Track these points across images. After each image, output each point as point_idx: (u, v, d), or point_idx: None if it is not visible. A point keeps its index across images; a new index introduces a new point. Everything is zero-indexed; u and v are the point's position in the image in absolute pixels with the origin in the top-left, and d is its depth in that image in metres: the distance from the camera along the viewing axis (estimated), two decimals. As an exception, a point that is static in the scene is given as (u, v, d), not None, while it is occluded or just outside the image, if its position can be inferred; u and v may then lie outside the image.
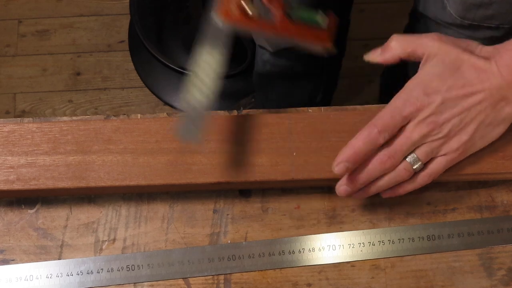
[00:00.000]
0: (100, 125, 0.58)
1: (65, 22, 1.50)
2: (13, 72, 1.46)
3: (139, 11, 1.34)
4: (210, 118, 0.58)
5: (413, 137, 0.53)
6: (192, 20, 1.38)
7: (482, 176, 0.59)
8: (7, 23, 1.50)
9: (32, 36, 1.49)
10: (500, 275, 0.58)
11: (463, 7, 0.73)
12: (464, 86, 0.53)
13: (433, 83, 0.53)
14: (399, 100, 0.53)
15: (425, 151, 0.54)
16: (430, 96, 0.53)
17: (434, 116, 0.53)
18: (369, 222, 0.60)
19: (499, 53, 0.53)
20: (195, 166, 0.57)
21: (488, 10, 0.73)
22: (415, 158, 0.54)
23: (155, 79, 1.40)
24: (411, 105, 0.53)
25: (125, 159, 0.57)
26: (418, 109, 0.53)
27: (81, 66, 1.46)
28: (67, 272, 0.57)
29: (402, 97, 0.54)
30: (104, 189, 0.57)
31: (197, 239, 0.59)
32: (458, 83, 0.53)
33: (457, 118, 0.53)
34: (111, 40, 1.48)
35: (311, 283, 0.58)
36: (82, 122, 0.59)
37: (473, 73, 0.53)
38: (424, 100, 0.53)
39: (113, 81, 1.45)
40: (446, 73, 0.53)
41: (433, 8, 0.79)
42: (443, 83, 0.53)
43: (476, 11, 0.73)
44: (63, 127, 0.58)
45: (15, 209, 0.59)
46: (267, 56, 0.99)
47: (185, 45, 1.37)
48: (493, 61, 0.53)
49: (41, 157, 0.57)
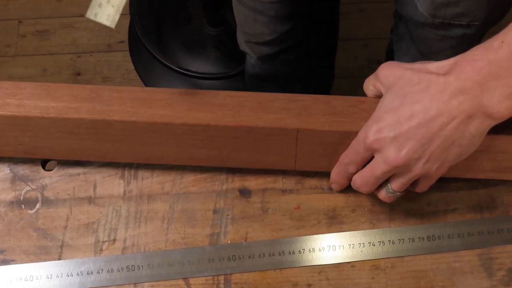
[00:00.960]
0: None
1: (65, 22, 1.50)
2: (13, 72, 1.46)
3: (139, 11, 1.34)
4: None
5: (376, 172, 0.53)
6: (192, 20, 1.38)
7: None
8: (7, 23, 1.50)
9: (32, 36, 1.49)
10: (500, 275, 0.58)
11: (433, 6, 0.73)
12: (413, 114, 0.49)
13: (386, 116, 0.50)
14: (361, 134, 0.53)
15: (397, 184, 0.54)
16: (381, 132, 0.50)
17: (392, 152, 0.50)
18: (369, 223, 0.60)
19: (460, 66, 0.49)
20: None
21: (457, 8, 0.72)
22: (390, 189, 0.55)
23: (155, 79, 1.40)
24: (364, 143, 0.52)
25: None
26: (371, 147, 0.51)
27: (81, 66, 1.46)
28: (67, 272, 0.57)
29: (362, 131, 0.53)
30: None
31: (197, 240, 0.59)
32: (406, 112, 0.49)
33: (418, 149, 0.50)
34: (111, 40, 1.48)
35: (311, 283, 0.58)
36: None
37: (424, 95, 0.49)
38: (375, 137, 0.51)
39: (113, 81, 1.45)
40: (396, 103, 0.50)
41: (407, 8, 0.79)
42: (394, 114, 0.50)
43: (446, 9, 0.72)
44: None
45: (15, 210, 0.59)
46: (254, 60, 0.99)
47: (185, 45, 1.37)
48: (451, 76, 0.48)
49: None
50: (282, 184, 0.61)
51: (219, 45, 1.34)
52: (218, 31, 1.33)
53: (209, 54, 1.35)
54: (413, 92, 0.50)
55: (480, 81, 0.48)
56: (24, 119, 0.55)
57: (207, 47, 1.35)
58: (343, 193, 0.61)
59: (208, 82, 1.32)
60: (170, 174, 0.61)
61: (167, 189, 0.61)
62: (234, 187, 0.61)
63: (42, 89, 0.56)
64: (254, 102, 0.56)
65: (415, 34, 0.84)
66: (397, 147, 0.50)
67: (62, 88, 0.57)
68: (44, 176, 0.60)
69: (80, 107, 0.55)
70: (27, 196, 0.60)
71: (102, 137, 0.57)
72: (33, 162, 0.61)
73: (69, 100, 0.56)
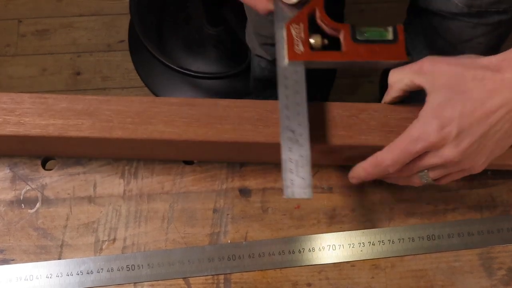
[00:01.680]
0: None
1: (65, 22, 1.50)
2: (13, 72, 1.45)
3: (139, 11, 1.33)
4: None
5: (424, 164, 0.51)
6: (192, 20, 1.38)
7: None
8: (7, 23, 1.50)
9: (32, 36, 1.49)
10: (500, 275, 0.58)
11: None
12: (475, 110, 0.49)
13: (446, 112, 0.50)
14: (415, 132, 0.51)
15: (438, 174, 0.53)
16: (445, 129, 0.49)
17: (451, 149, 0.50)
18: (369, 222, 0.60)
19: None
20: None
21: None
22: (426, 175, 0.53)
23: (155, 79, 1.40)
24: (425, 141, 0.50)
25: None
26: (433, 145, 0.50)
27: (81, 66, 1.46)
28: (67, 272, 0.57)
29: (417, 128, 0.51)
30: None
31: (197, 239, 0.59)
32: (468, 107, 0.49)
33: (475, 144, 0.50)
34: (111, 40, 1.48)
35: (311, 282, 0.58)
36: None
37: (482, 91, 0.49)
38: (439, 134, 0.49)
39: (113, 81, 1.45)
40: (454, 100, 0.50)
41: (436, 2, 0.79)
42: (454, 110, 0.49)
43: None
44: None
45: (15, 209, 0.59)
46: (265, 63, 0.98)
47: (185, 45, 1.37)
48: (505, 73, 0.49)
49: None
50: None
51: (219, 45, 1.34)
52: (218, 31, 1.33)
53: (209, 54, 1.35)
54: (470, 89, 0.50)
55: None
56: (24, 137, 0.55)
57: (207, 47, 1.35)
58: (343, 193, 0.61)
59: (208, 81, 1.32)
60: (170, 173, 0.61)
61: (167, 189, 0.60)
62: (234, 187, 0.61)
63: (40, 103, 0.56)
64: (254, 113, 0.56)
65: (444, 26, 0.82)
66: (456, 143, 0.49)
67: (60, 101, 0.56)
68: (44, 176, 0.60)
69: (80, 124, 0.55)
70: (27, 195, 0.60)
71: (103, 149, 0.58)
72: (33, 162, 0.61)
73: (69, 116, 0.55)
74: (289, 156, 0.51)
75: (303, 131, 0.52)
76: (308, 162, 0.51)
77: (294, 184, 0.50)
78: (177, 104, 0.56)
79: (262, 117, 0.56)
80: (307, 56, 0.53)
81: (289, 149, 0.51)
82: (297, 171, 0.51)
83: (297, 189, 0.50)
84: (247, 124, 0.55)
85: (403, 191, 0.61)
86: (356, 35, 0.54)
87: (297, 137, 0.52)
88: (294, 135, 0.52)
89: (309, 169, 0.51)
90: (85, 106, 0.56)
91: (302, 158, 0.51)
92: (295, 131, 0.52)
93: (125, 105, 0.56)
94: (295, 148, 0.51)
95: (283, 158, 0.51)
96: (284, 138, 0.52)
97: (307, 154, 0.51)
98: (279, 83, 0.54)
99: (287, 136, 0.52)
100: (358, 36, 0.54)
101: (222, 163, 0.61)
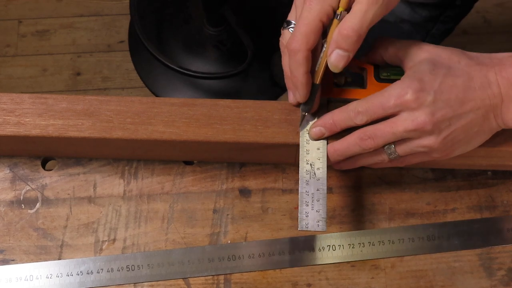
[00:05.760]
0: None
1: (65, 22, 1.50)
2: (13, 72, 1.45)
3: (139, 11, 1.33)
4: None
5: (396, 128, 0.51)
6: (192, 20, 1.38)
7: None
8: (7, 23, 1.50)
9: (32, 36, 1.49)
10: (500, 275, 0.58)
11: None
12: (454, 87, 0.51)
13: (427, 77, 0.51)
14: (395, 89, 0.51)
15: (403, 149, 0.53)
16: (423, 91, 0.50)
17: (425, 114, 0.50)
18: (369, 222, 0.60)
19: (503, 64, 0.52)
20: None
21: None
22: (393, 150, 0.53)
23: (155, 79, 1.40)
24: (401, 98, 0.51)
25: None
26: (408, 104, 0.51)
27: (81, 66, 1.46)
28: (67, 272, 0.57)
29: (397, 85, 0.52)
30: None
31: (197, 239, 0.59)
32: (449, 82, 0.51)
33: (447, 122, 0.51)
34: (111, 40, 1.48)
35: (311, 283, 0.58)
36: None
37: (465, 76, 0.51)
38: (416, 94, 0.50)
39: (113, 81, 1.45)
40: (438, 72, 0.51)
41: None
42: (436, 78, 0.51)
43: None
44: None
45: (15, 209, 0.59)
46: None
47: (185, 45, 1.37)
48: (492, 70, 0.51)
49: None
50: (282, 183, 0.61)
51: (219, 45, 1.34)
52: (218, 31, 1.33)
53: (209, 54, 1.35)
54: (456, 68, 0.52)
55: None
56: (24, 138, 0.55)
57: (207, 47, 1.35)
58: (343, 193, 0.61)
59: (208, 81, 1.32)
60: (170, 173, 0.61)
61: (167, 189, 0.60)
62: (234, 187, 0.61)
63: (40, 103, 0.56)
64: (254, 113, 0.56)
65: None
66: (431, 111, 0.50)
67: (60, 101, 0.56)
68: (44, 176, 0.60)
69: (80, 125, 0.55)
70: (27, 195, 0.60)
71: (103, 149, 0.58)
72: (33, 162, 0.61)
73: (69, 116, 0.55)
74: (306, 189, 0.53)
75: (321, 166, 0.54)
76: (324, 196, 0.53)
77: (309, 216, 0.53)
78: (177, 105, 0.56)
79: (262, 118, 0.56)
80: (332, 93, 0.56)
81: (306, 182, 0.54)
82: (312, 204, 0.53)
83: (311, 222, 0.53)
84: (247, 124, 0.56)
85: (403, 191, 0.61)
86: (380, 75, 0.57)
87: (314, 171, 0.54)
88: (312, 168, 0.54)
89: (325, 202, 0.53)
90: (85, 107, 0.56)
91: (318, 192, 0.53)
92: (313, 165, 0.54)
93: (125, 105, 0.56)
94: (312, 181, 0.54)
95: (300, 191, 0.54)
96: (302, 171, 0.54)
97: (324, 188, 0.54)
98: (301, 119, 0.56)
99: (305, 170, 0.54)
100: (382, 76, 0.57)
101: (222, 164, 0.61)
